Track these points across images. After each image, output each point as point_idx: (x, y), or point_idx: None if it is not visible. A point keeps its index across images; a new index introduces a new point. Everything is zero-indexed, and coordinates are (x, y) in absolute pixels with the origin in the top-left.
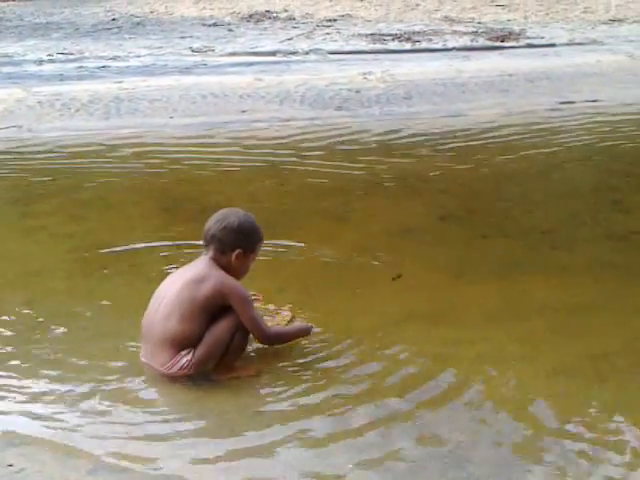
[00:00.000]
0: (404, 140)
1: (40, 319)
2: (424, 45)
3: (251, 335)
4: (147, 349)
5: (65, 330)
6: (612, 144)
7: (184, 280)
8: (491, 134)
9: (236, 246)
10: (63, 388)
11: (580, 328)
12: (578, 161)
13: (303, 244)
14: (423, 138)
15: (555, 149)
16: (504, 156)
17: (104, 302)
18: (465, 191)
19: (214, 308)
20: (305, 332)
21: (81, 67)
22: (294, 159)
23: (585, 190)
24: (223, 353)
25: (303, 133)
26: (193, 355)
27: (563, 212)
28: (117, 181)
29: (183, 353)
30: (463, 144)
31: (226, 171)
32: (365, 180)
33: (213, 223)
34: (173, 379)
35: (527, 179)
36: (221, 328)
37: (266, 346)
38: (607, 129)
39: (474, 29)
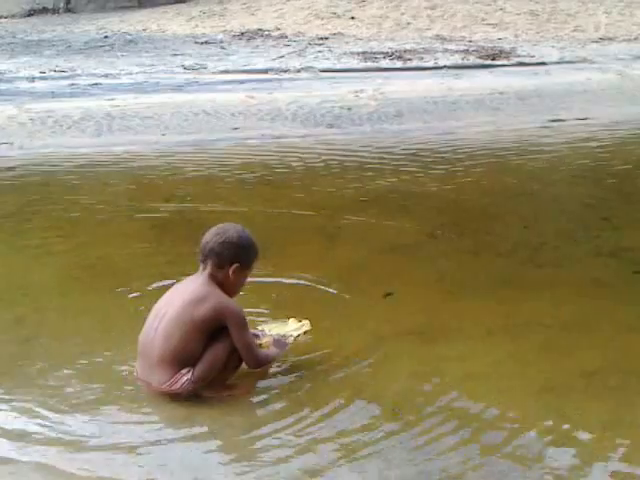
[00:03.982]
0: (394, 157)
1: (30, 336)
2: (415, 63)
3: None
4: (144, 367)
5: (55, 347)
6: (601, 161)
7: (183, 300)
8: (481, 152)
9: (234, 260)
10: (53, 407)
11: (571, 345)
12: (568, 178)
13: (293, 262)
14: (413, 155)
15: (545, 166)
16: (494, 173)
17: (96, 319)
18: (455, 208)
19: (213, 328)
20: (279, 356)
21: (73, 84)
22: (284, 177)
23: (575, 207)
24: (220, 371)
25: (293, 150)
26: (192, 374)
27: (553, 229)
28: (109, 198)
29: (183, 372)
30: (453, 162)
31: (217, 189)
32: (354, 197)
33: (212, 237)
34: (170, 397)
35: (517, 196)
36: (220, 347)
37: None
38: (596, 146)
39: (465, 47)
